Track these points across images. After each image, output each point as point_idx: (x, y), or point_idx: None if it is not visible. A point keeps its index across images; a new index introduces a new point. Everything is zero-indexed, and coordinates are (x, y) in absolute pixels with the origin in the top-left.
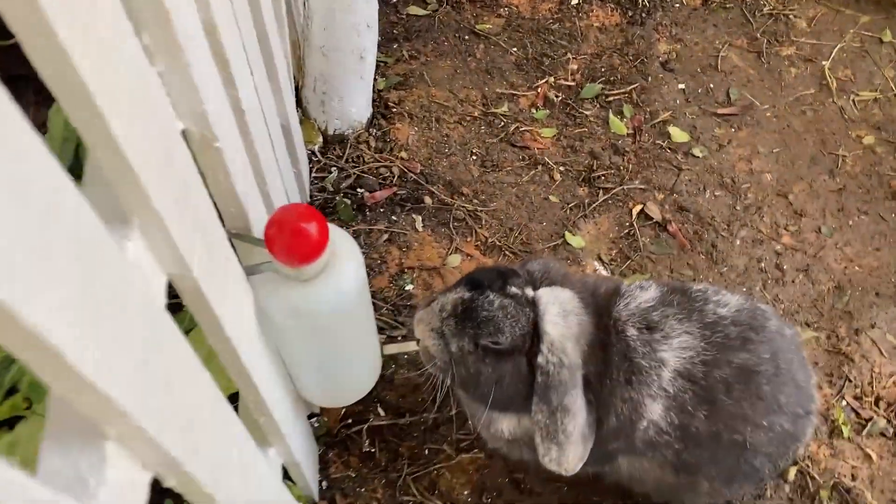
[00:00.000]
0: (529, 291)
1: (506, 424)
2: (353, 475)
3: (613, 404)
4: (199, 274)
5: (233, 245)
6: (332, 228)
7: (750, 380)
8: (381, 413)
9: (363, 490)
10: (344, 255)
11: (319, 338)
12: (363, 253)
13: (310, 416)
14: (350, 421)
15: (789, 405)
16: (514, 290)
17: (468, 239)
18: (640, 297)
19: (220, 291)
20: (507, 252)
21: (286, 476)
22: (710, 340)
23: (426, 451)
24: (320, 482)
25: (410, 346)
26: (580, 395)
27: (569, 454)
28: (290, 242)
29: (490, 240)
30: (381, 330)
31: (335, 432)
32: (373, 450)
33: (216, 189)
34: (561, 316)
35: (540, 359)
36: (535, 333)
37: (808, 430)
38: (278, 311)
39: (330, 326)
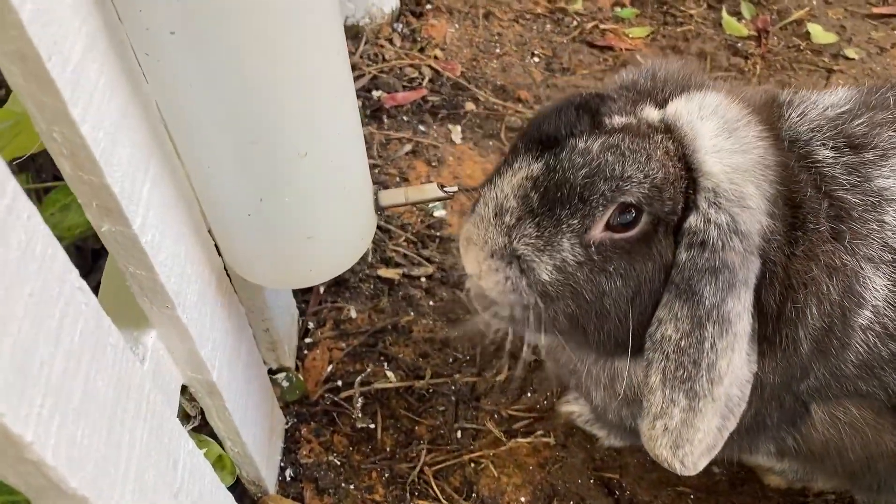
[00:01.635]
0: (650, 112)
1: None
2: (338, 462)
3: (812, 283)
4: None
5: None
6: None
7: None
8: (389, 375)
9: (352, 486)
10: None
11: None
12: (374, 165)
13: (274, 372)
14: (339, 383)
15: None
16: (616, 120)
17: None
18: (821, 102)
19: None
20: None
21: (205, 430)
22: None
23: (457, 434)
24: (282, 468)
25: (428, 193)
26: (748, 307)
27: (700, 426)
28: None
29: None
30: (397, 265)
31: (315, 398)
32: (372, 426)
33: None
34: (724, 135)
35: (693, 219)
36: (687, 183)
37: None
38: None
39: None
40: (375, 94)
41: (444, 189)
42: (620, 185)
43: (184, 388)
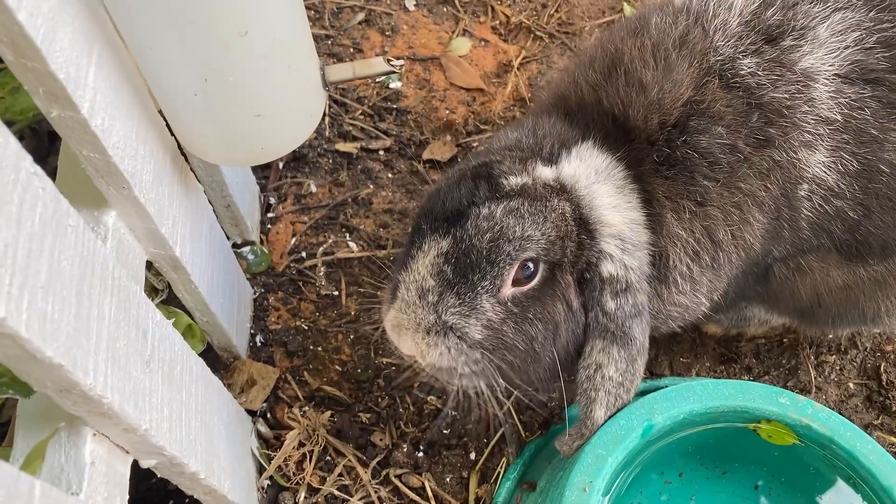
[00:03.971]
0: (543, 171)
1: None
2: (306, 327)
3: (748, 198)
4: None
5: None
6: None
7: None
8: (351, 245)
9: (320, 348)
10: None
11: None
12: (326, 36)
13: (239, 246)
14: (303, 255)
15: None
16: (513, 180)
17: (481, 19)
18: (735, 3)
19: None
20: (538, 33)
21: (174, 304)
22: (885, 5)
23: None
24: (252, 335)
25: (375, 67)
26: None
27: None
28: None
29: (514, 19)
30: (355, 139)
31: (280, 269)
32: (336, 293)
33: None
34: (617, 195)
35: (610, 267)
36: (579, 233)
37: None
38: None
39: None
40: None
41: (391, 62)
42: (523, 244)
43: (150, 265)
